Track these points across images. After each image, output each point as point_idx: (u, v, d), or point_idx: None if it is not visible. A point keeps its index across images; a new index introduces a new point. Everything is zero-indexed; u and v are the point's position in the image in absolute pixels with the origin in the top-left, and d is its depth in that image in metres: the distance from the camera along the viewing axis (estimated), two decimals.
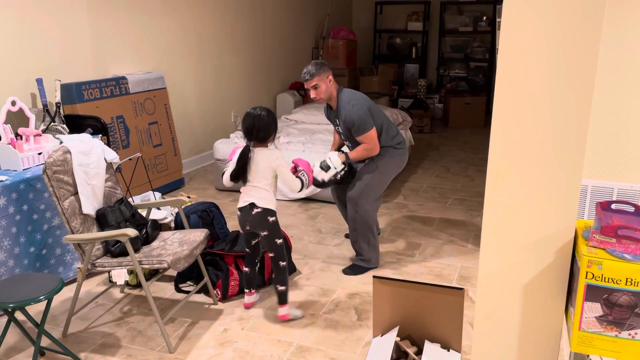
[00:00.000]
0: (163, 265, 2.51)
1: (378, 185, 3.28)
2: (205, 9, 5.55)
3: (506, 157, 1.55)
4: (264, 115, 2.66)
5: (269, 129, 2.67)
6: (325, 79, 3.10)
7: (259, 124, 2.65)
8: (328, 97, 3.16)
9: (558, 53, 1.45)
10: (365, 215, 3.23)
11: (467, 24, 8.33)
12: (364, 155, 3.19)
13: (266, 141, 2.70)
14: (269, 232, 2.71)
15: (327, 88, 3.11)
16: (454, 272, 3.34)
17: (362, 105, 3.11)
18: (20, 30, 3.68)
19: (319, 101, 3.14)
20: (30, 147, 3.18)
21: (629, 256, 1.38)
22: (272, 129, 2.69)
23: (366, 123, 3.10)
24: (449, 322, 2.15)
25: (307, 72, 3.08)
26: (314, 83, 3.08)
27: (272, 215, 2.70)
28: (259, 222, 2.70)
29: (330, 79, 3.13)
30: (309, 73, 3.07)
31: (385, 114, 3.33)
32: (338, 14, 8.60)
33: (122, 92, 4.37)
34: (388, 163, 3.28)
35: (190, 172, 5.51)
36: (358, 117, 3.08)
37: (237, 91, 6.25)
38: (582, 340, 1.45)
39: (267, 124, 2.66)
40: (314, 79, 3.07)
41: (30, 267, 2.98)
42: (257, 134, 2.66)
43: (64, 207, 2.57)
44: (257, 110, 2.67)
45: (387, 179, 3.34)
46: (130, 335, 2.73)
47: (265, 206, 2.68)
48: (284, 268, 2.76)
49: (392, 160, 3.29)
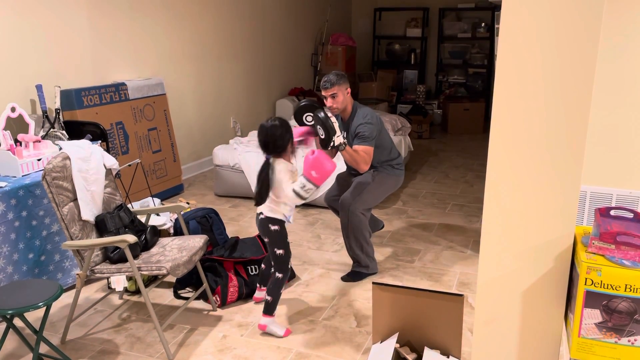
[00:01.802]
0: (162, 271, 2.51)
1: (372, 197, 3.31)
2: (205, 15, 5.57)
3: (505, 163, 1.55)
4: (277, 125, 2.58)
5: (277, 143, 2.58)
6: (344, 89, 3.17)
7: (269, 136, 2.57)
8: (343, 108, 3.22)
9: (556, 59, 1.45)
10: (357, 222, 3.23)
11: (466, 30, 8.36)
12: (355, 165, 3.15)
13: (284, 152, 2.62)
14: (269, 239, 2.70)
15: (344, 99, 3.18)
16: (454, 278, 3.34)
17: (375, 124, 3.22)
18: (20, 36, 3.69)
19: (334, 110, 3.16)
20: (30, 153, 3.19)
21: (628, 262, 1.38)
22: (288, 138, 2.61)
23: (371, 138, 3.17)
24: (449, 329, 2.14)
25: (327, 80, 3.13)
26: (334, 92, 3.13)
27: (274, 224, 2.67)
28: (262, 227, 2.71)
29: (348, 91, 3.21)
30: (330, 82, 3.12)
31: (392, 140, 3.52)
32: (337, 20, 8.63)
33: (122, 98, 4.38)
34: (385, 179, 3.34)
35: (189, 178, 5.51)
36: (368, 130, 3.16)
37: (237, 97, 6.26)
38: (581, 347, 1.45)
39: (278, 137, 2.57)
40: (334, 88, 3.12)
41: (29, 273, 2.98)
42: (269, 147, 2.59)
43: (63, 213, 2.57)
44: (269, 122, 2.60)
45: (381, 194, 3.38)
46: (129, 341, 2.72)
47: (268, 215, 2.66)
48: (278, 280, 2.71)
49: (389, 177, 3.36)
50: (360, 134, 3.16)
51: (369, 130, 3.15)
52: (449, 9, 8.51)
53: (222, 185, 4.88)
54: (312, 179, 2.52)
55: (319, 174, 2.51)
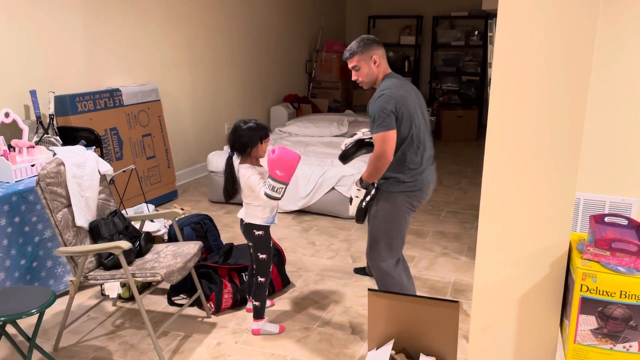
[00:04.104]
0: (156, 278, 2.50)
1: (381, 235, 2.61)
2: (201, 21, 5.57)
3: (501, 170, 1.56)
4: (241, 125, 2.63)
5: (240, 140, 2.61)
6: (368, 59, 2.54)
7: (234, 134, 2.63)
8: (371, 81, 2.59)
9: (551, 68, 1.47)
10: (381, 276, 2.65)
11: (459, 38, 8.42)
12: (373, 169, 2.51)
13: (243, 154, 2.65)
14: (253, 244, 2.75)
15: (369, 71, 2.55)
16: (448, 285, 3.34)
17: (388, 98, 2.44)
18: (14, 41, 3.68)
19: (362, 85, 2.61)
20: (23, 159, 3.17)
21: (623, 269, 1.39)
22: (246, 140, 2.60)
23: (380, 120, 2.42)
24: (444, 336, 2.14)
25: (348, 49, 2.57)
26: (354, 63, 2.56)
27: (258, 229, 2.69)
28: (246, 233, 2.75)
29: (376, 60, 2.54)
30: (350, 50, 2.56)
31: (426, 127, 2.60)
32: (331, 28, 8.66)
33: (116, 104, 4.37)
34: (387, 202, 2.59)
35: (183, 184, 5.50)
36: (376, 110, 2.45)
37: (231, 103, 6.26)
38: (577, 353, 1.45)
39: (240, 136, 2.62)
40: (354, 59, 2.55)
41: (21, 279, 2.95)
42: (234, 145, 2.65)
43: (57, 220, 2.56)
44: (239, 122, 2.66)
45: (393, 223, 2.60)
46: (123, 349, 2.70)
47: (248, 221, 2.70)
48: (261, 284, 2.74)
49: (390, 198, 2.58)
50: (370, 120, 2.49)
51: (377, 110, 2.44)
52: (442, 17, 8.57)
53: (217, 191, 4.87)
54: (279, 178, 2.45)
55: (283, 171, 2.45)
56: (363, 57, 2.54)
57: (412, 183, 2.57)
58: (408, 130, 2.50)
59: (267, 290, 2.79)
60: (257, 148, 2.63)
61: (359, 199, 2.63)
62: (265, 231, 2.70)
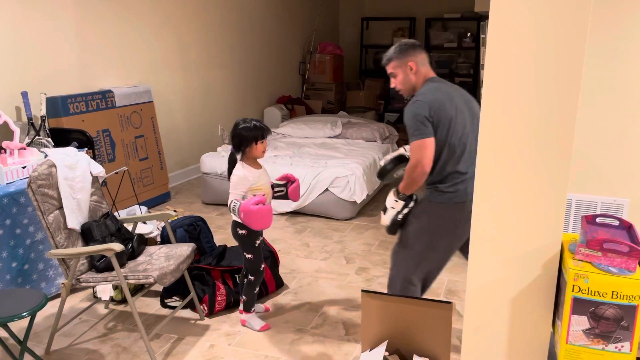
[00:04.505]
0: (149, 280, 2.48)
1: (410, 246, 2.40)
2: (193, 22, 5.56)
3: (493, 171, 1.57)
4: (239, 123, 2.67)
5: (235, 138, 2.66)
6: (404, 65, 2.38)
7: (232, 131, 2.69)
8: (408, 89, 2.42)
9: (543, 69, 1.47)
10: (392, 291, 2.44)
11: (452, 40, 8.44)
12: (410, 180, 2.33)
13: (238, 151, 2.68)
14: (238, 243, 2.79)
15: (405, 78, 2.39)
16: (442, 286, 3.34)
17: (420, 104, 2.28)
18: (5, 43, 3.66)
19: (401, 92, 2.45)
20: (15, 160, 3.15)
21: (614, 269, 1.40)
22: (240, 139, 2.64)
23: (414, 128, 2.26)
24: (437, 336, 2.14)
25: (385, 54, 2.43)
26: (390, 70, 2.42)
27: (242, 228, 2.70)
28: (232, 231, 2.77)
29: (412, 67, 2.37)
30: (387, 57, 2.42)
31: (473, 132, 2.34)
32: (325, 30, 8.67)
33: (109, 105, 4.35)
34: (427, 209, 2.38)
35: (176, 185, 5.48)
36: (409, 119, 2.30)
37: (225, 105, 6.25)
38: (569, 353, 1.46)
39: (235, 133, 2.66)
40: (391, 64, 2.41)
41: (12, 282, 2.93)
42: (232, 142, 2.69)
43: (48, 222, 2.54)
44: (240, 120, 2.70)
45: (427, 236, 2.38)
46: (115, 352, 2.69)
47: (234, 219, 2.72)
48: (251, 282, 2.79)
49: (429, 209, 2.37)
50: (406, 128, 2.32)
51: (410, 116, 2.28)
52: (435, 19, 8.59)
53: (210, 193, 4.86)
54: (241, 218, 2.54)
55: (246, 221, 2.54)
56: (399, 64, 2.39)
57: (454, 194, 2.32)
58: (445, 135, 2.30)
59: (257, 288, 2.83)
60: (251, 148, 2.64)
61: (395, 210, 2.42)
62: (248, 231, 2.70)
